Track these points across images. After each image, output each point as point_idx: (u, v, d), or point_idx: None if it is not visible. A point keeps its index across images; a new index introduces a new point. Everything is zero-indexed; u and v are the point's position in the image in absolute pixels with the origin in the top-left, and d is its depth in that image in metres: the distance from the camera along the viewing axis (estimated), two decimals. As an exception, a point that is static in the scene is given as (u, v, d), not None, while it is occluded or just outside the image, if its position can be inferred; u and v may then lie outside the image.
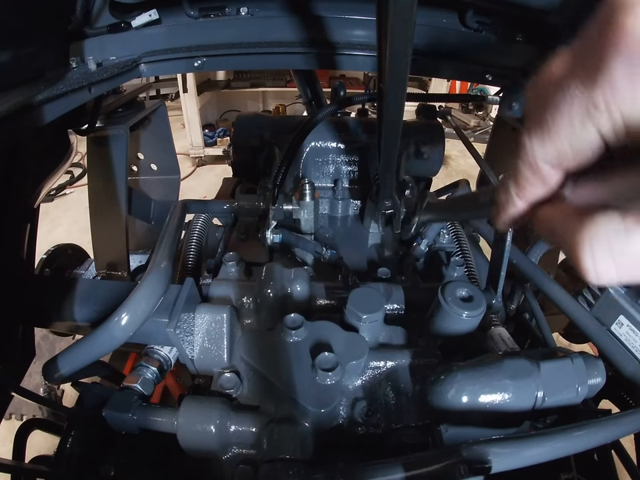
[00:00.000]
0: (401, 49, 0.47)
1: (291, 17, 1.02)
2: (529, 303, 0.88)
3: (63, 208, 3.66)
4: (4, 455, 0.63)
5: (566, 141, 0.24)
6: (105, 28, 0.96)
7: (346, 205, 1.19)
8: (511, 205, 0.30)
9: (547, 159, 0.25)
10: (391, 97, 0.58)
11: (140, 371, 0.66)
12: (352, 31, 1.05)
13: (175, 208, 0.98)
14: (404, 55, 0.48)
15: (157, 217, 1.53)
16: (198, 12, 1.02)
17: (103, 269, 1.31)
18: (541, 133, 0.25)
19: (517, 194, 0.29)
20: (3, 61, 0.70)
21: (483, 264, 1.00)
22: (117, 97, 1.25)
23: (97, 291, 0.76)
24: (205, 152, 4.33)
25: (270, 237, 0.94)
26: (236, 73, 4.46)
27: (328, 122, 1.17)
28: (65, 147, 1.05)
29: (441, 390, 0.55)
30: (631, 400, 0.70)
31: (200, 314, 0.68)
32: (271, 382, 0.61)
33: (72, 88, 0.75)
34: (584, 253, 0.23)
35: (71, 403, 0.73)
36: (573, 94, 0.22)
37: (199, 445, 0.57)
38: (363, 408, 0.60)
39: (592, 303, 0.80)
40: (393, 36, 0.45)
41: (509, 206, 0.30)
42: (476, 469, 0.43)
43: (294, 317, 0.66)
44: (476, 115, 5.22)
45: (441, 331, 0.69)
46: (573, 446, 0.46)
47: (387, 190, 0.91)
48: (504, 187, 0.30)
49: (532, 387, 0.53)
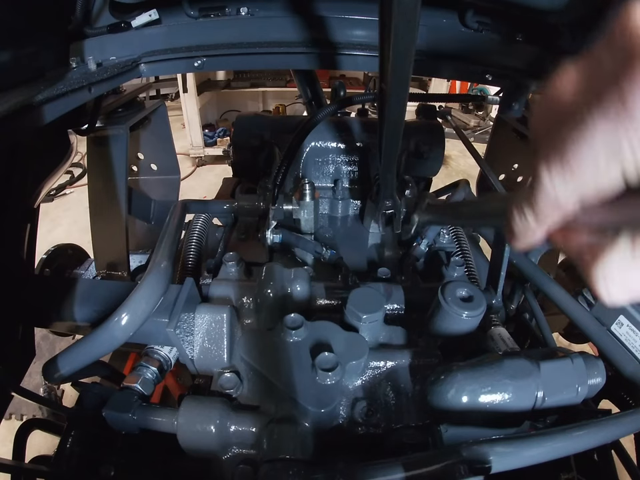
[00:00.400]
0: (404, 50, 0.47)
1: (291, 17, 1.02)
2: (529, 303, 0.89)
3: (63, 208, 3.65)
4: (4, 455, 0.63)
5: (590, 181, 0.23)
6: (104, 28, 0.96)
7: (346, 205, 1.19)
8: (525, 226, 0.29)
9: (568, 196, 0.24)
10: (394, 97, 0.57)
11: (140, 371, 0.66)
12: (352, 30, 1.05)
13: (175, 208, 0.98)
14: (407, 56, 0.48)
15: (157, 216, 1.53)
16: (198, 12, 1.02)
17: (103, 269, 1.31)
18: (562, 169, 0.23)
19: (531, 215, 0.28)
20: (3, 61, 0.70)
21: (483, 264, 1.01)
22: (116, 97, 1.25)
23: (97, 291, 0.76)
24: (204, 152, 4.33)
25: (270, 236, 0.94)
26: (236, 73, 4.46)
27: (328, 122, 1.17)
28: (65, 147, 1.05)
29: (441, 390, 0.55)
30: (631, 400, 0.70)
31: (200, 314, 0.68)
32: (271, 382, 0.61)
33: (72, 88, 0.75)
34: (597, 281, 0.24)
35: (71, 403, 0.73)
36: (594, 129, 0.21)
37: (199, 445, 0.57)
38: (362, 408, 0.60)
39: (592, 303, 0.80)
40: (397, 36, 0.45)
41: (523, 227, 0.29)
42: (476, 468, 0.43)
43: (294, 317, 0.66)
44: (476, 115, 5.22)
45: (441, 331, 0.69)
46: (572, 446, 0.46)
47: (388, 190, 0.91)
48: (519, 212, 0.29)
49: (532, 387, 0.53)
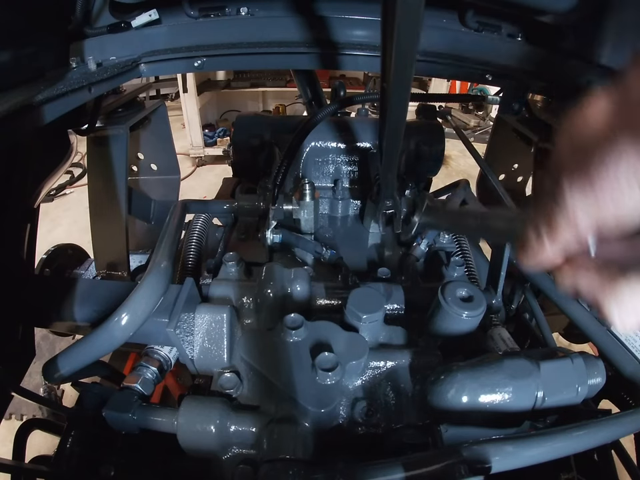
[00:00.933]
0: (407, 50, 0.46)
1: (291, 17, 1.02)
2: (529, 303, 0.88)
3: (63, 208, 3.65)
4: (4, 455, 0.63)
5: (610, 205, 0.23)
6: (104, 28, 0.96)
7: (346, 205, 1.19)
8: (540, 246, 0.29)
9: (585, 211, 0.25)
10: (395, 97, 0.57)
11: (140, 371, 0.66)
12: (352, 30, 1.05)
13: (175, 208, 0.98)
14: (410, 56, 0.48)
15: (157, 216, 1.53)
16: (198, 12, 1.02)
17: (103, 269, 1.31)
18: (583, 183, 0.24)
19: (548, 236, 0.28)
20: (3, 60, 0.70)
21: (483, 264, 1.00)
22: (117, 97, 1.24)
23: (97, 291, 0.76)
24: (205, 152, 4.33)
25: (270, 236, 0.93)
26: (236, 72, 4.46)
27: (328, 122, 1.17)
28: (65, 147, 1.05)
29: (441, 390, 0.55)
30: (631, 400, 0.70)
31: (200, 314, 0.68)
32: (271, 382, 0.61)
33: (72, 88, 0.75)
34: (611, 312, 0.26)
35: (71, 403, 0.73)
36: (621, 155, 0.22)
37: (199, 445, 0.57)
38: (363, 408, 0.60)
39: (592, 303, 0.80)
40: (400, 36, 0.44)
41: (538, 247, 0.29)
42: (476, 468, 0.43)
43: (294, 317, 0.66)
44: (476, 115, 5.22)
45: (440, 331, 0.69)
46: (572, 446, 0.46)
47: (388, 190, 0.91)
48: (534, 226, 0.29)
49: (532, 386, 0.53)
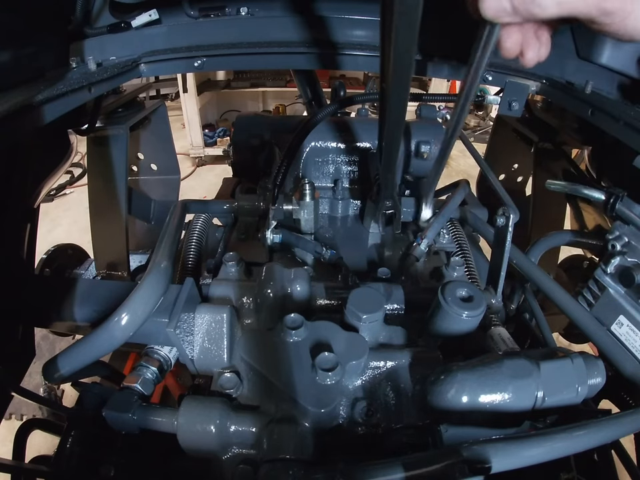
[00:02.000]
0: (405, 50, 0.47)
1: (290, 17, 1.02)
2: (529, 303, 0.88)
3: (63, 208, 3.66)
4: (4, 455, 0.63)
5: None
6: (104, 28, 0.96)
7: (346, 205, 1.19)
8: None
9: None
10: (394, 97, 0.57)
11: (140, 371, 0.65)
12: (352, 31, 1.05)
13: (175, 208, 0.98)
14: (408, 56, 0.48)
15: (157, 216, 1.54)
16: (198, 12, 1.02)
17: (103, 269, 1.31)
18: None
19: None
20: (3, 61, 0.70)
21: (483, 264, 1.00)
22: (117, 97, 1.25)
23: (97, 291, 0.76)
24: (205, 152, 4.33)
25: (270, 236, 0.93)
26: (236, 72, 4.46)
27: (328, 122, 1.17)
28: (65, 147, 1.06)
29: (441, 390, 0.55)
30: (631, 400, 0.70)
31: (200, 314, 0.68)
32: (271, 382, 0.61)
33: (72, 88, 0.75)
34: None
35: (71, 403, 0.73)
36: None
37: (199, 445, 0.57)
38: (363, 408, 0.60)
39: (592, 303, 0.80)
40: (398, 36, 0.45)
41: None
42: (476, 468, 0.43)
43: (294, 317, 0.66)
44: (476, 115, 5.22)
45: (440, 331, 0.68)
46: (573, 446, 0.46)
47: (388, 190, 0.91)
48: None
49: (532, 386, 0.53)
